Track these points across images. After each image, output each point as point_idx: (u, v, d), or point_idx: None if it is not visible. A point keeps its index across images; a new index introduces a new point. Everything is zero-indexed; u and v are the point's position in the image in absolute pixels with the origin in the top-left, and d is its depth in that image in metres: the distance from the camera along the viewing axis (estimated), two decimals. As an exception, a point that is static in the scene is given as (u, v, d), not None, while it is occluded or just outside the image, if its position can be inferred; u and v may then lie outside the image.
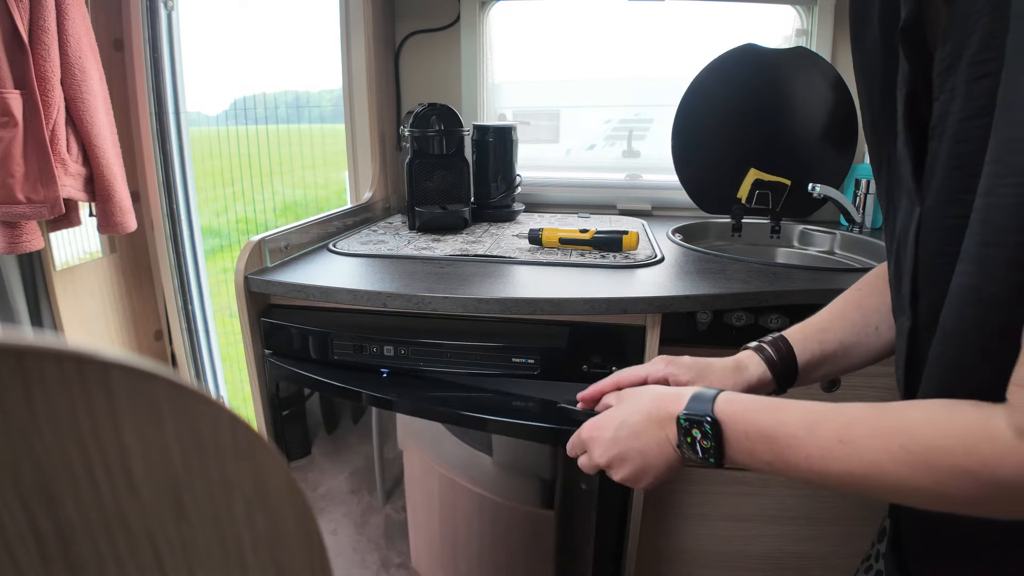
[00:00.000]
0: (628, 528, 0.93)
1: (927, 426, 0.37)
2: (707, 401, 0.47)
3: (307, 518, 0.30)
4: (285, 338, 0.88)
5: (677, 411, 0.48)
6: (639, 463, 0.51)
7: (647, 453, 0.50)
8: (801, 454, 0.41)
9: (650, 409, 0.51)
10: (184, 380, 0.23)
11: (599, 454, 0.53)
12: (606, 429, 0.53)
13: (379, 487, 0.96)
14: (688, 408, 0.47)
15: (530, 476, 0.85)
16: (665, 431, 0.49)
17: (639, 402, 0.52)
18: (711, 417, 0.46)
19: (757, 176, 1.33)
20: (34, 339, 0.19)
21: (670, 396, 0.50)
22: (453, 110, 1.18)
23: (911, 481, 0.37)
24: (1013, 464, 0.33)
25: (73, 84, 1.07)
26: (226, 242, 1.78)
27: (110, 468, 0.22)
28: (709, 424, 0.45)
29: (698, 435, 0.46)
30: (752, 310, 0.84)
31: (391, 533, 0.99)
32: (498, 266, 0.95)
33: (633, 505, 0.91)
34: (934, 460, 0.36)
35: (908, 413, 0.38)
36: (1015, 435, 0.33)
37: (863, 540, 0.97)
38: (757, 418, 0.44)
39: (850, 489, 0.40)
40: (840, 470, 0.40)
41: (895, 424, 0.38)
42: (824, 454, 0.40)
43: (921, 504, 0.38)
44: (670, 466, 0.50)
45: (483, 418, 0.80)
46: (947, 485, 0.36)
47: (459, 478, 0.87)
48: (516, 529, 0.88)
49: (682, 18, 1.48)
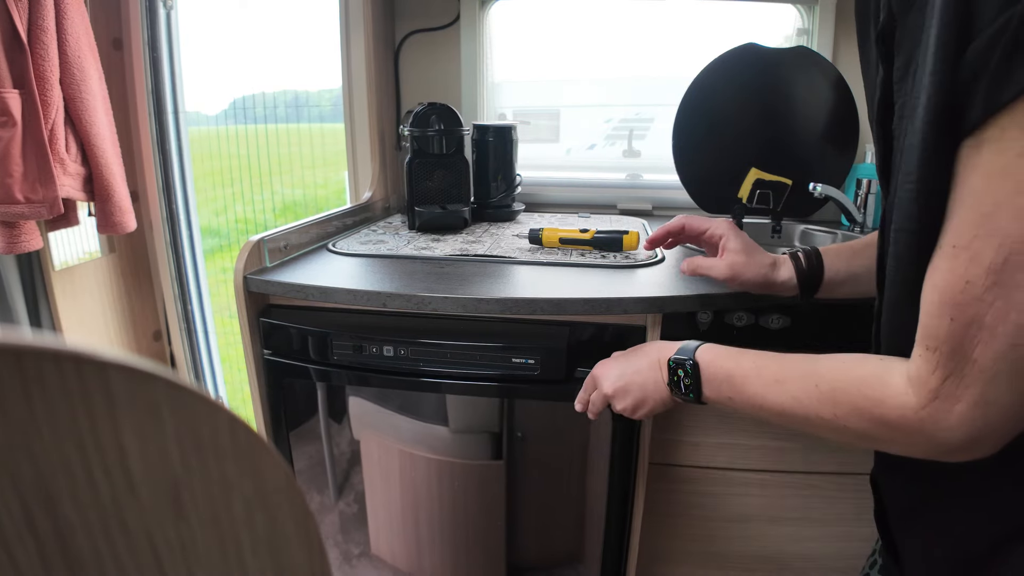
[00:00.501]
0: (629, 529, 0.93)
1: (837, 371, 0.46)
2: (691, 349, 0.59)
3: (307, 518, 0.30)
4: (284, 338, 0.88)
5: (669, 355, 0.60)
6: (639, 395, 0.64)
7: (646, 387, 0.63)
8: (749, 391, 0.52)
9: (649, 352, 0.64)
10: (183, 380, 0.23)
11: (607, 385, 0.66)
12: (614, 367, 0.66)
13: (331, 485, 0.97)
14: (676, 353, 0.59)
15: (481, 433, 0.89)
16: (660, 372, 0.62)
17: (643, 349, 0.66)
18: (692, 360, 0.58)
19: (758, 175, 1.33)
20: (33, 339, 0.19)
21: (666, 346, 0.62)
22: (453, 110, 1.18)
23: (819, 413, 0.46)
24: (898, 406, 0.40)
25: (72, 84, 1.07)
26: (225, 242, 1.78)
27: (109, 468, 0.22)
28: (690, 366, 0.58)
29: (682, 375, 0.59)
30: (752, 310, 0.84)
31: (347, 527, 1.00)
32: (498, 266, 0.94)
33: (634, 506, 0.91)
34: (838, 398, 0.45)
35: (827, 362, 0.47)
36: (906, 383, 0.40)
37: (863, 540, 0.97)
38: (724, 362, 0.56)
39: (783, 421, 0.50)
40: (774, 404, 0.50)
41: (815, 369, 0.48)
42: (765, 391, 0.51)
43: (828, 435, 0.47)
44: (663, 400, 0.62)
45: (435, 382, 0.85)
46: (845, 419, 0.44)
47: (418, 451, 0.91)
48: (472, 484, 0.92)
49: (682, 17, 1.48)
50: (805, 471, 0.92)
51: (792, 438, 0.90)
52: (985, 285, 0.35)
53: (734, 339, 0.86)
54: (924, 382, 0.39)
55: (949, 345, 0.37)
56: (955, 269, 0.36)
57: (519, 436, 0.88)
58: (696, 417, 0.91)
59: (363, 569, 1.02)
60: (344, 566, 1.03)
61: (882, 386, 0.42)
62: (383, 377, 0.86)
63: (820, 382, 0.46)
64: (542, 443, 0.89)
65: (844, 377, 0.45)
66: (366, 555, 1.01)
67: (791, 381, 0.49)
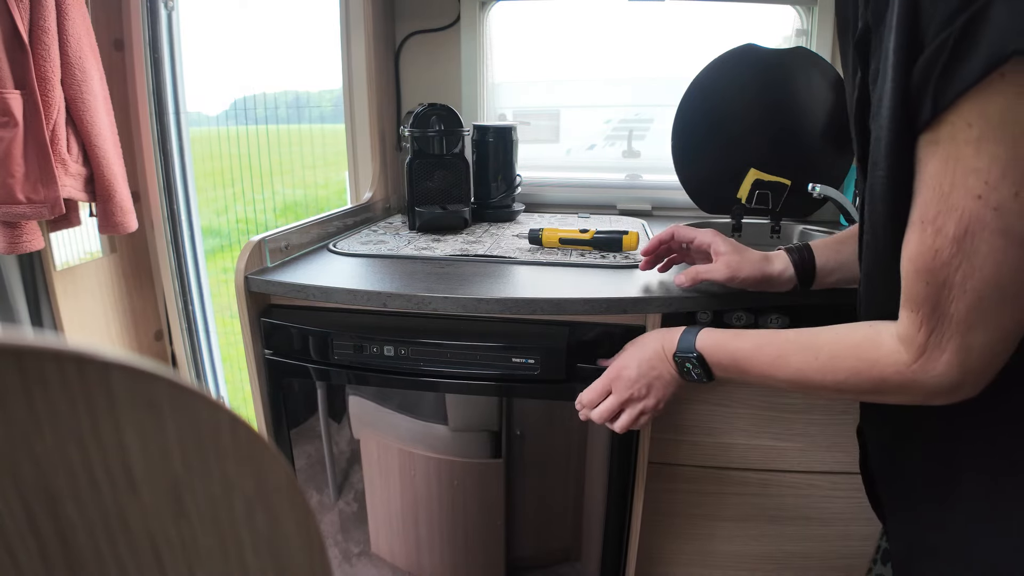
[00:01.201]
0: (628, 528, 0.93)
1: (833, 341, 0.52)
2: (691, 342, 0.64)
3: (307, 517, 0.30)
4: (285, 338, 0.88)
5: (672, 350, 0.66)
6: (660, 388, 0.69)
7: (664, 378, 0.68)
8: (756, 370, 0.59)
9: (656, 348, 0.68)
10: (184, 380, 0.23)
11: (624, 387, 0.69)
12: (629, 369, 0.70)
13: (330, 484, 0.98)
14: (679, 348, 0.65)
15: (480, 432, 0.89)
16: (670, 364, 0.67)
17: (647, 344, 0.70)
18: (695, 353, 0.63)
19: (757, 176, 1.33)
20: (34, 339, 0.19)
21: (668, 337, 0.67)
22: (453, 110, 1.18)
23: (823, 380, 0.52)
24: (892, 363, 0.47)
25: (73, 84, 1.07)
26: (226, 242, 1.78)
27: (110, 468, 0.22)
28: (695, 359, 0.64)
29: (690, 367, 0.65)
30: (752, 310, 0.84)
31: (347, 526, 1.00)
32: (498, 266, 0.95)
33: (634, 505, 0.92)
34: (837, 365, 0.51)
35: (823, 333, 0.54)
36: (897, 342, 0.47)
37: (863, 540, 0.98)
38: (725, 346, 0.62)
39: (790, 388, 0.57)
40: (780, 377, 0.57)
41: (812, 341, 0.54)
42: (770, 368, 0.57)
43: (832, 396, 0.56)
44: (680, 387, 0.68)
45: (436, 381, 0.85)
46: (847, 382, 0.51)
47: (417, 449, 0.91)
48: (471, 482, 0.92)
49: (682, 18, 1.48)
50: (805, 471, 0.92)
51: (792, 438, 0.90)
52: (951, 252, 0.41)
53: (734, 339, 0.86)
54: (912, 339, 0.45)
55: (928, 305, 0.43)
56: (924, 241, 0.42)
57: (519, 434, 0.88)
58: (696, 417, 0.91)
59: (363, 568, 1.02)
60: (344, 565, 1.03)
61: (875, 348, 0.48)
62: (383, 377, 0.86)
63: (819, 353, 0.53)
64: (542, 441, 0.89)
65: (840, 344, 0.51)
66: (366, 554, 1.01)
67: (792, 355, 0.55)
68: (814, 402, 0.88)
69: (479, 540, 0.95)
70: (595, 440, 0.87)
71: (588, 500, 0.92)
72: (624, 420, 0.70)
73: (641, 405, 0.69)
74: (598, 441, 0.87)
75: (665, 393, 0.69)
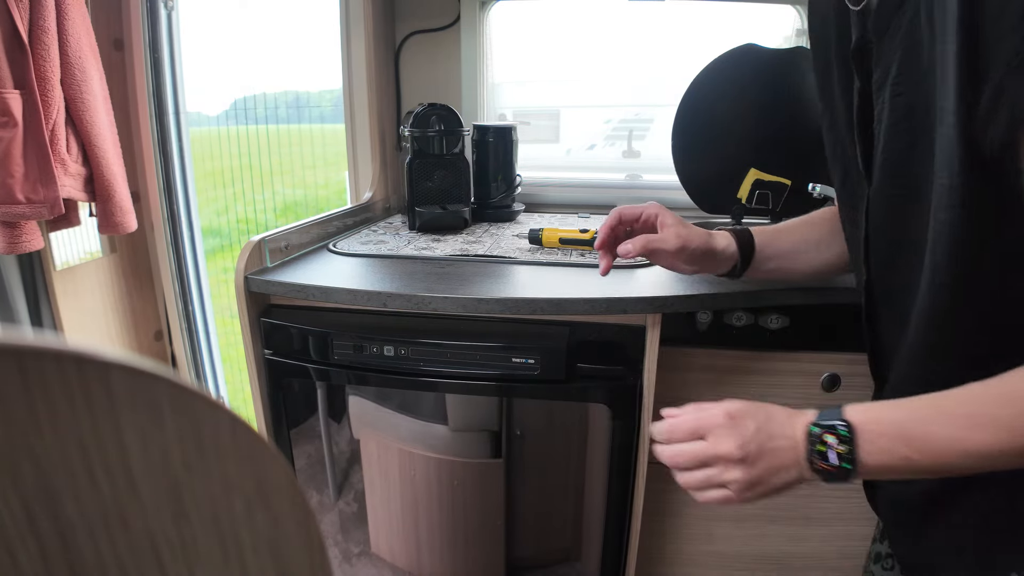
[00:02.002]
0: (628, 528, 0.93)
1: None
2: (836, 410, 0.48)
3: (307, 517, 0.30)
4: (285, 338, 0.88)
5: (805, 423, 0.48)
6: (771, 464, 0.50)
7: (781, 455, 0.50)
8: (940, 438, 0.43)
9: (783, 416, 0.51)
10: (184, 380, 0.23)
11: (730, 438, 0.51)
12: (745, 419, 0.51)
13: (330, 484, 0.98)
14: (819, 417, 0.48)
15: (480, 432, 0.89)
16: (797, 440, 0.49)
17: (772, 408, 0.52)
18: (844, 420, 0.46)
19: (757, 176, 1.33)
20: (34, 339, 0.19)
21: (796, 413, 0.51)
22: (453, 110, 1.18)
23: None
24: None
25: (73, 84, 1.07)
26: (226, 242, 1.78)
27: (110, 468, 0.22)
28: (844, 427, 0.46)
29: (832, 440, 0.46)
30: (752, 310, 0.84)
31: (347, 526, 1.00)
32: (498, 266, 0.95)
33: (634, 505, 0.91)
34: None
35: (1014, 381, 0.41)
36: None
37: (863, 540, 0.97)
38: (888, 414, 0.46)
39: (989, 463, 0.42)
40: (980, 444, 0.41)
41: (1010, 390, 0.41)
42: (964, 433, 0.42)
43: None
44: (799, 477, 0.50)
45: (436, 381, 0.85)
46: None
47: (417, 449, 0.91)
48: (471, 482, 0.92)
49: (682, 18, 1.48)
50: (805, 471, 0.92)
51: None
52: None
53: (734, 339, 0.86)
54: None
55: None
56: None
57: (519, 434, 0.88)
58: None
59: (363, 567, 1.02)
60: (344, 565, 1.03)
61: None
62: (383, 377, 0.86)
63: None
64: (542, 441, 0.89)
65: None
66: (366, 554, 1.01)
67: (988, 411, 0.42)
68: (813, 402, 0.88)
69: (479, 540, 0.95)
70: (595, 440, 0.87)
71: (588, 500, 0.91)
72: (700, 478, 0.53)
73: (739, 472, 0.51)
74: (598, 441, 0.87)
75: (772, 474, 0.50)
